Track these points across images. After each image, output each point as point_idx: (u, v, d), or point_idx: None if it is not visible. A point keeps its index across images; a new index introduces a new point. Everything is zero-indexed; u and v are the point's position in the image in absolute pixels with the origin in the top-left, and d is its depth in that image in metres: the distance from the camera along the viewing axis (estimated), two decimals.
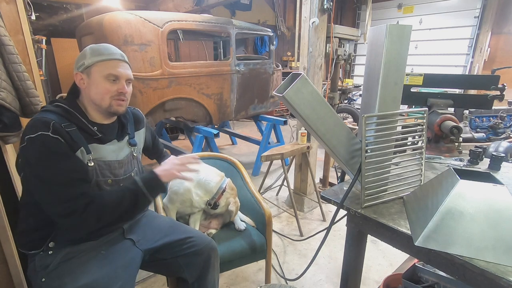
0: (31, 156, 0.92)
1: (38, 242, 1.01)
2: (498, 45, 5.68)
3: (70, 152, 0.96)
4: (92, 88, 1.03)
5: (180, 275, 1.26)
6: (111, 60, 1.04)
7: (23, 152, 0.93)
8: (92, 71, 1.02)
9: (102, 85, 1.03)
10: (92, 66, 1.02)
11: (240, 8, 6.71)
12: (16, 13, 1.57)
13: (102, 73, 1.02)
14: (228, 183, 1.59)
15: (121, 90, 1.05)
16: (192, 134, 3.86)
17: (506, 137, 3.25)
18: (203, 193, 1.53)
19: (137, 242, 1.19)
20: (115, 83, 1.05)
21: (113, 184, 1.09)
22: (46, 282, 0.99)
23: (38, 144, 0.91)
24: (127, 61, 1.10)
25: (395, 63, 0.95)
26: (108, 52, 1.04)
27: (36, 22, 4.20)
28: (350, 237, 1.10)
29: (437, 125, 1.43)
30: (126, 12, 2.69)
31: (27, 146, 0.92)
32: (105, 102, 1.04)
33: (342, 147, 1.00)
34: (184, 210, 1.56)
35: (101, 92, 1.03)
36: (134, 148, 1.22)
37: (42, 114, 0.98)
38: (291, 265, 2.03)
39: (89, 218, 0.95)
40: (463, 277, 0.75)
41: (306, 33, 2.36)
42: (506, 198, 0.73)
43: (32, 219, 1.02)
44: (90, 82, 1.03)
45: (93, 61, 1.02)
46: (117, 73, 1.04)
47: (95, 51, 1.04)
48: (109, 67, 1.03)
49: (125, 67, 1.07)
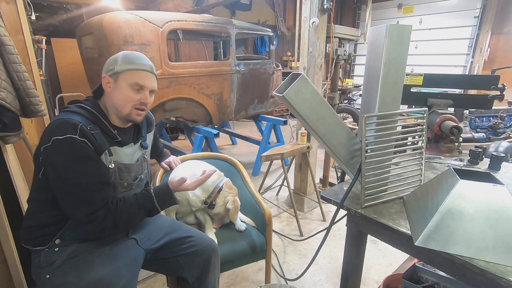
0: (57, 158, 0.94)
1: (45, 238, 1.02)
2: (498, 45, 5.68)
3: (95, 156, 0.98)
4: (116, 93, 1.05)
5: (180, 275, 1.26)
6: (141, 71, 1.06)
7: (47, 152, 0.93)
8: (120, 77, 1.04)
9: (126, 93, 1.05)
10: (122, 72, 1.04)
11: (240, 8, 6.72)
12: (16, 13, 1.57)
13: (129, 81, 1.04)
14: (226, 183, 1.57)
15: (144, 100, 1.08)
16: (192, 134, 3.86)
17: (506, 137, 3.24)
18: (199, 192, 1.51)
19: (140, 241, 1.20)
20: (139, 92, 1.07)
21: (128, 187, 1.12)
22: (51, 279, 1.00)
23: (66, 147, 0.93)
24: (156, 73, 1.13)
25: (395, 63, 0.95)
26: (139, 62, 1.06)
27: (36, 22, 4.20)
28: (350, 237, 1.10)
29: (437, 125, 1.43)
30: (126, 12, 2.69)
31: (54, 147, 0.92)
32: (126, 109, 1.07)
33: (342, 147, 1.00)
34: (184, 209, 1.55)
35: (124, 99, 1.05)
36: (145, 150, 1.24)
37: (67, 115, 0.99)
38: (291, 265, 2.03)
39: (107, 227, 1.00)
40: (463, 277, 0.75)
41: (306, 33, 2.36)
42: (506, 198, 0.73)
43: (44, 216, 1.03)
44: (116, 87, 1.05)
45: (123, 68, 1.04)
46: (143, 83, 1.06)
47: (127, 58, 1.06)
48: (137, 76, 1.05)
49: (152, 79, 1.10)
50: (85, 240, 1.07)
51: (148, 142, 1.29)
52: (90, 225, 0.98)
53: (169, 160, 1.66)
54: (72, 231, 1.04)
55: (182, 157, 1.78)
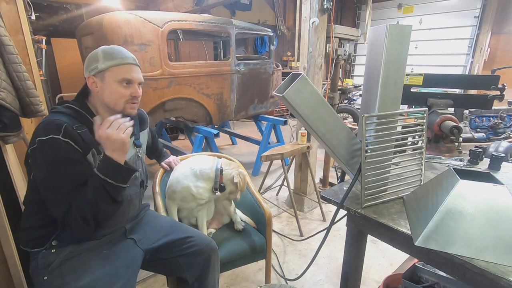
0: (39, 159, 0.93)
1: (41, 240, 1.02)
2: (498, 45, 5.68)
3: (78, 156, 0.96)
4: (105, 92, 1.04)
5: (180, 275, 1.26)
6: (125, 65, 1.05)
7: (33, 153, 0.94)
8: (106, 75, 1.03)
9: (116, 90, 1.04)
10: (106, 70, 1.02)
11: (240, 8, 6.72)
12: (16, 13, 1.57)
13: (116, 77, 1.03)
14: (223, 161, 1.54)
15: (135, 94, 1.07)
16: (192, 134, 3.86)
17: (506, 137, 3.24)
18: (204, 183, 1.48)
19: (138, 242, 1.20)
20: (128, 87, 1.06)
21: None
22: (48, 281, 0.99)
23: (47, 147, 0.92)
24: (139, 64, 1.11)
25: (395, 63, 0.95)
26: (121, 56, 1.05)
27: (36, 22, 4.20)
28: (350, 237, 1.10)
29: (437, 125, 1.43)
30: (126, 12, 2.69)
31: (38, 148, 0.92)
32: (119, 106, 1.06)
33: (342, 147, 1.00)
34: (189, 205, 1.52)
35: (115, 96, 1.04)
36: (139, 149, 1.23)
37: (53, 115, 0.99)
38: (291, 265, 2.03)
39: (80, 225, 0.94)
40: (463, 277, 0.75)
41: (306, 33, 2.36)
42: (506, 198, 0.73)
43: (37, 216, 1.03)
44: (104, 86, 1.04)
45: (107, 65, 1.02)
46: (131, 77, 1.05)
47: (108, 54, 1.04)
48: (123, 72, 1.04)
49: (137, 71, 1.09)
50: (82, 241, 1.06)
51: (142, 140, 1.27)
52: (67, 227, 0.95)
53: (169, 160, 1.66)
54: (67, 232, 1.02)
55: (182, 157, 1.78)
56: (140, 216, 1.30)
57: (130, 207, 1.20)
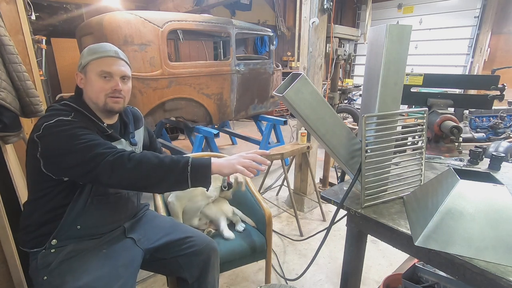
0: (51, 140, 0.92)
1: (41, 240, 1.02)
2: (498, 45, 5.68)
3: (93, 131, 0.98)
4: (88, 86, 1.05)
5: (180, 275, 1.26)
6: (104, 58, 1.04)
7: (42, 139, 0.91)
8: (87, 69, 1.04)
9: (96, 83, 1.03)
10: (87, 65, 1.03)
11: (240, 8, 6.72)
12: (16, 13, 1.57)
13: (95, 70, 1.03)
14: None
15: (115, 87, 1.05)
16: (192, 134, 3.85)
17: (506, 137, 3.24)
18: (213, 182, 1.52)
19: (138, 241, 1.20)
20: (109, 80, 1.04)
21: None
22: (48, 281, 0.99)
23: (59, 126, 0.92)
24: (123, 58, 1.09)
25: (395, 63, 0.95)
26: (102, 49, 1.05)
27: (36, 22, 4.20)
28: (350, 237, 1.10)
29: (437, 125, 1.43)
30: (126, 12, 2.69)
31: (45, 134, 0.91)
32: (100, 100, 1.05)
33: (342, 147, 1.00)
34: (197, 205, 1.57)
35: (96, 90, 1.04)
36: (135, 147, 1.22)
37: (51, 112, 0.99)
38: (291, 265, 2.03)
39: (111, 164, 0.89)
40: (463, 277, 0.75)
41: (306, 33, 2.36)
42: (506, 198, 0.73)
43: (37, 214, 1.02)
44: (87, 81, 1.04)
45: (88, 60, 1.03)
46: (110, 70, 1.04)
47: (90, 50, 1.05)
48: (102, 64, 1.03)
49: (119, 64, 1.06)
50: (82, 240, 1.06)
51: (138, 139, 1.25)
52: (93, 163, 0.89)
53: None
54: (67, 230, 1.02)
55: None
56: (139, 216, 1.30)
57: (128, 204, 1.20)
